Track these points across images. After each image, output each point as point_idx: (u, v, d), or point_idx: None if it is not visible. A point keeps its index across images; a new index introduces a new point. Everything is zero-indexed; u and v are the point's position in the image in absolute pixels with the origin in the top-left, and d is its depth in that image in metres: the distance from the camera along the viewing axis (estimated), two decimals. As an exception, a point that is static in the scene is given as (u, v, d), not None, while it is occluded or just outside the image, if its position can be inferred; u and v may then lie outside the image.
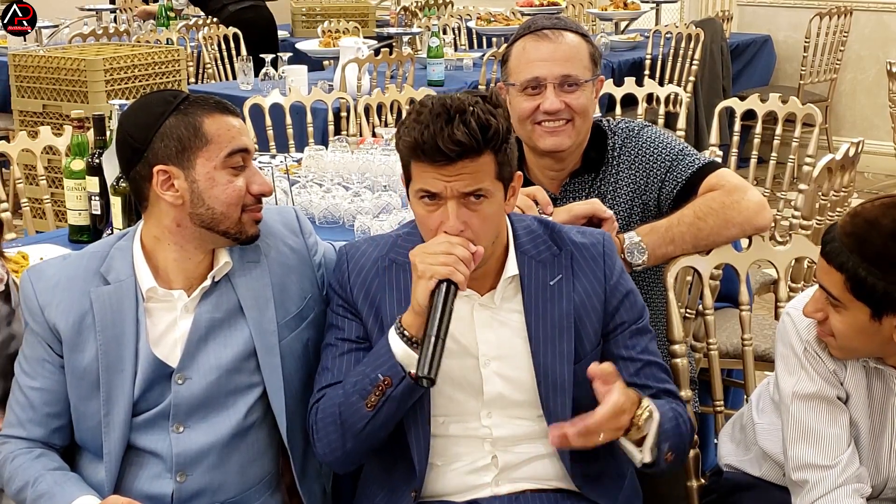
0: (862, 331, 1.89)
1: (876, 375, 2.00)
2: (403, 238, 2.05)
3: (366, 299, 2.00)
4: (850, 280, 1.86)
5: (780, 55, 7.78)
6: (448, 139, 1.83)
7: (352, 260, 2.04)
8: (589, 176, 2.47)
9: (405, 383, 1.87)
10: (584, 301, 1.99)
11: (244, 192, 1.96)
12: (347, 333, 2.01)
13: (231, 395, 2.01)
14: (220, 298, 2.01)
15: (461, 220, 1.87)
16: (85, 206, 3.01)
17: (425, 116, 1.86)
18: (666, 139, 2.48)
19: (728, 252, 2.40)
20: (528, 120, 2.41)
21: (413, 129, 1.87)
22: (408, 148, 1.88)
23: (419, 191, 1.90)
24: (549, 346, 1.98)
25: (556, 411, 1.97)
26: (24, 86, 5.01)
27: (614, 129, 2.51)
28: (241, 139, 1.97)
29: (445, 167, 1.85)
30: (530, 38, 2.44)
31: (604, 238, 2.06)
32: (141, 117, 1.97)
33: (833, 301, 1.90)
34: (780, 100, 4.40)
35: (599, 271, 2.01)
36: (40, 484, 1.95)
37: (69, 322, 1.98)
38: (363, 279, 2.02)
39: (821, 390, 2.00)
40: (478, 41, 7.93)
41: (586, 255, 2.02)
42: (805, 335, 2.01)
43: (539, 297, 1.99)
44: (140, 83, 5.00)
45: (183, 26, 7.33)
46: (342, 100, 4.77)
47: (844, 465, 1.98)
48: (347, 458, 1.98)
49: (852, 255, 1.85)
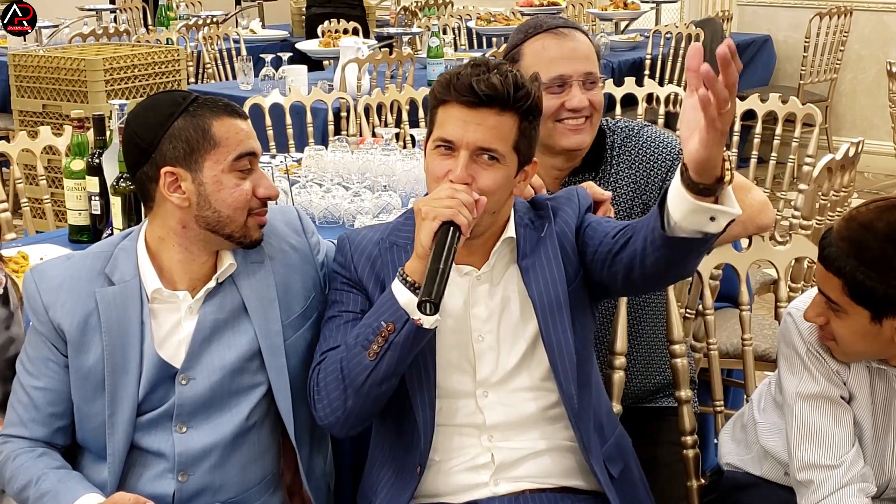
0: (863, 335, 1.89)
1: (879, 376, 2.00)
2: (403, 223, 2.07)
3: (371, 274, 2.02)
4: (848, 284, 1.86)
5: (780, 55, 7.78)
6: (482, 81, 1.89)
7: (353, 242, 2.07)
8: (588, 174, 2.47)
9: (408, 327, 1.86)
10: (564, 230, 2.04)
11: (251, 195, 1.96)
12: (351, 306, 2.02)
13: (234, 395, 2.01)
14: (224, 299, 2.01)
15: (468, 174, 1.90)
16: (85, 206, 3.01)
17: (465, 67, 1.93)
18: (666, 138, 2.48)
19: (728, 252, 2.40)
20: (549, 118, 2.37)
21: (451, 72, 1.94)
22: (440, 85, 1.94)
23: (437, 139, 1.93)
24: (539, 273, 2.01)
25: (558, 338, 1.98)
26: (24, 86, 5.01)
27: (613, 127, 2.51)
28: (248, 142, 1.97)
29: (470, 110, 1.89)
30: (548, 36, 2.41)
31: (576, 189, 2.12)
32: (149, 118, 1.96)
33: (833, 306, 1.90)
34: (780, 100, 4.40)
35: (575, 204, 2.07)
36: (43, 482, 1.95)
37: (74, 322, 1.98)
38: (367, 256, 2.04)
39: (824, 390, 2.00)
40: (478, 41, 7.93)
41: (561, 199, 2.09)
42: (807, 336, 2.01)
43: (533, 253, 2.03)
44: (140, 83, 5.01)
45: (183, 26, 7.33)
46: (342, 100, 4.77)
47: (849, 464, 1.98)
48: (348, 419, 1.95)
49: (849, 260, 1.85)
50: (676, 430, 2.34)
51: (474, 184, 1.90)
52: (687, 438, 2.33)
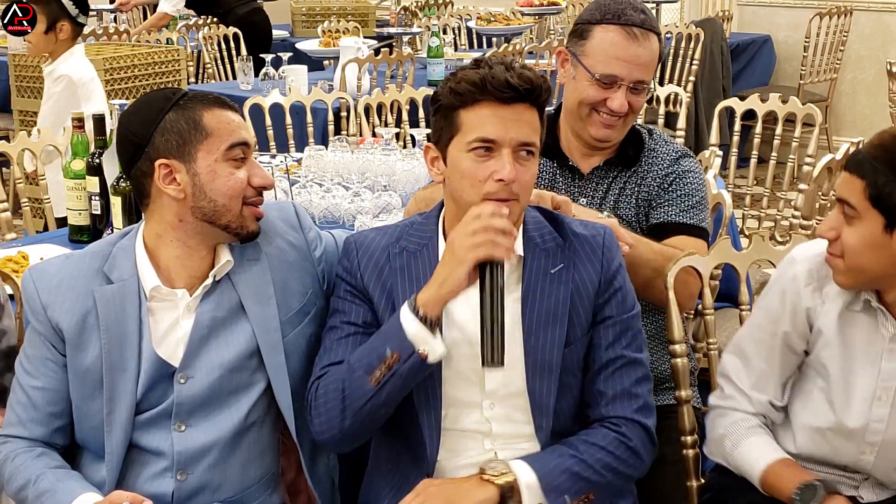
0: (872, 244, 1.90)
1: (864, 315, 2.01)
2: (414, 228, 2.04)
3: (377, 284, 1.99)
4: (869, 186, 1.88)
5: (780, 55, 7.78)
6: (516, 75, 1.87)
7: (361, 247, 2.03)
8: (619, 170, 2.49)
9: (413, 360, 1.85)
10: (579, 288, 1.99)
11: (245, 184, 1.97)
12: (354, 318, 2.00)
13: (233, 393, 2.01)
14: (222, 297, 2.01)
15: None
16: (85, 206, 3.01)
17: (483, 64, 1.90)
18: (700, 179, 2.49)
19: (728, 252, 2.40)
20: (587, 105, 2.41)
21: (470, 74, 1.90)
22: (468, 86, 1.88)
23: (474, 140, 1.89)
24: (540, 331, 1.97)
25: (542, 396, 1.96)
26: (24, 86, 5.01)
27: (656, 137, 2.53)
28: (240, 132, 1.98)
29: (508, 107, 1.88)
30: (620, 31, 2.39)
31: (605, 231, 2.05)
32: (141, 114, 1.98)
33: (849, 212, 1.91)
34: (780, 100, 4.40)
35: (598, 262, 2.01)
36: (41, 482, 1.96)
37: (72, 321, 1.98)
38: (374, 264, 2.01)
39: (779, 322, 2.06)
40: (478, 41, 7.93)
41: (587, 247, 2.02)
42: (802, 268, 2.06)
43: (538, 284, 1.98)
44: (140, 83, 5.01)
45: (183, 26, 7.33)
46: (342, 100, 4.77)
47: (754, 402, 2.11)
48: (344, 438, 1.95)
49: (875, 162, 1.88)
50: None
51: (516, 183, 1.89)
52: (687, 438, 2.33)
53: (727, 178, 4.59)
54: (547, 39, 6.58)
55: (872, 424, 2.01)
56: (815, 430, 2.07)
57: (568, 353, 1.98)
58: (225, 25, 7.19)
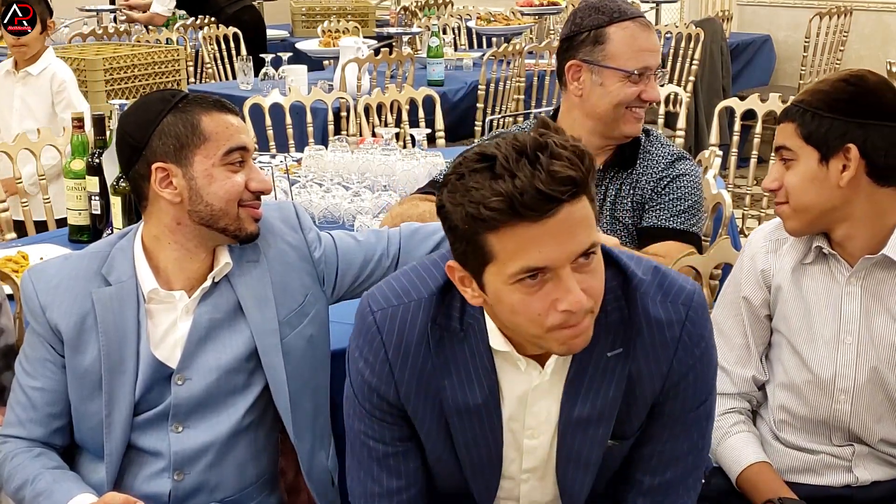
0: (813, 178, 1.97)
1: (818, 266, 2.05)
2: (442, 291, 1.65)
3: (419, 391, 1.66)
4: (800, 126, 1.98)
5: (780, 55, 7.78)
6: (549, 178, 1.42)
7: (388, 338, 1.65)
8: (616, 171, 2.50)
9: None
10: (634, 386, 1.66)
11: (242, 188, 1.96)
12: (388, 439, 1.73)
13: (230, 394, 2.01)
14: (220, 299, 2.01)
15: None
16: (85, 206, 3.01)
17: (499, 167, 1.43)
18: (694, 183, 2.50)
19: (728, 252, 2.41)
20: (621, 105, 2.45)
21: (488, 195, 1.43)
22: (491, 213, 1.44)
23: (519, 272, 1.47)
24: (578, 432, 1.69)
25: (574, 486, 1.75)
26: (24, 86, 5.00)
27: (652, 138, 2.54)
28: (239, 137, 1.97)
29: (551, 219, 1.44)
30: (636, 25, 2.46)
31: (686, 315, 1.65)
32: (140, 116, 1.97)
33: (787, 155, 2.00)
34: (780, 99, 4.40)
35: (666, 361, 1.65)
36: (39, 482, 1.96)
37: (71, 323, 1.98)
38: (412, 365, 1.65)
39: (740, 289, 2.12)
40: (478, 41, 7.94)
41: (657, 336, 1.64)
42: (755, 237, 2.14)
43: (587, 372, 1.65)
44: (140, 83, 5.00)
45: (182, 26, 7.33)
46: (342, 100, 4.77)
47: (738, 380, 2.14)
48: None
49: (801, 104, 1.99)
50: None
51: (589, 300, 1.51)
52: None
53: (727, 178, 4.59)
54: (547, 39, 6.58)
55: (841, 369, 2.04)
56: (789, 387, 2.09)
57: (609, 451, 1.72)
58: (222, 25, 7.19)
